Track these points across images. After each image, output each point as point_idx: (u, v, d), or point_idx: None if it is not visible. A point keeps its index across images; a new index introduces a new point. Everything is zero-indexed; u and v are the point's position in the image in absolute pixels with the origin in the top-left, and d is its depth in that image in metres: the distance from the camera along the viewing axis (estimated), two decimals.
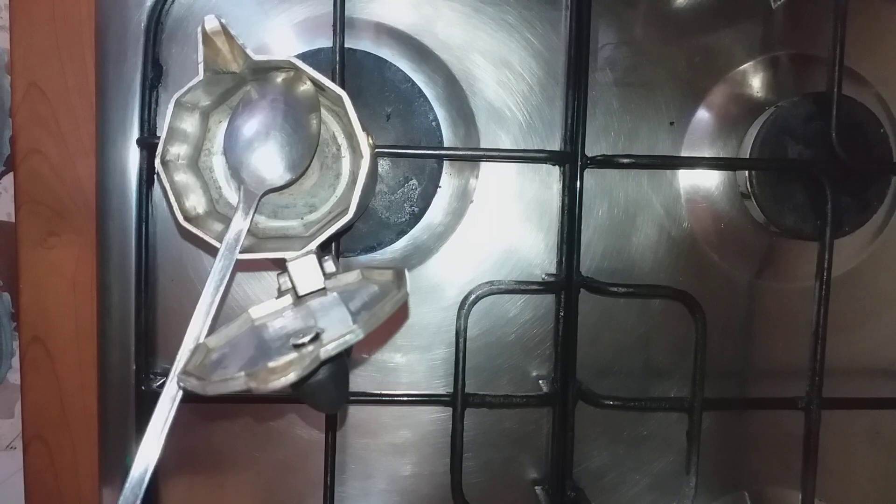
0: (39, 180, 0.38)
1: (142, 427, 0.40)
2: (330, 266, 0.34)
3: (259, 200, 0.34)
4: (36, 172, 0.38)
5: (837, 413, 0.41)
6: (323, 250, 0.34)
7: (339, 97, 0.33)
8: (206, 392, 0.27)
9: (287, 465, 0.41)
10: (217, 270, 0.32)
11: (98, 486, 0.40)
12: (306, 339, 0.27)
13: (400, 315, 0.41)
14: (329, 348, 0.26)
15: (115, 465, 0.40)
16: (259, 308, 0.34)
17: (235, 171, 0.34)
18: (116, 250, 0.40)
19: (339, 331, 0.26)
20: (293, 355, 0.25)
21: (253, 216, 0.33)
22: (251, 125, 0.34)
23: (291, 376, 0.25)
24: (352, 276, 0.35)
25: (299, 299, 0.34)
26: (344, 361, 0.30)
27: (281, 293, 0.34)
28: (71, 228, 0.39)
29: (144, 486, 0.29)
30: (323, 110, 0.36)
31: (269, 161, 0.34)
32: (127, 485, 0.29)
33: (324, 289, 0.34)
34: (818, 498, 0.39)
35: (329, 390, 0.29)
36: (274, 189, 0.34)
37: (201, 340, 0.31)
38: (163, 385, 0.39)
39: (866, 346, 0.43)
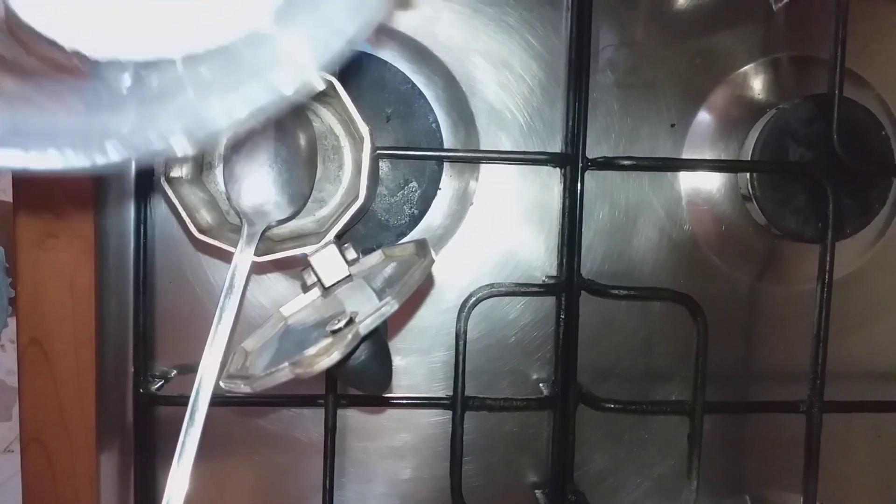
0: (37, 181, 0.38)
1: (140, 429, 0.40)
2: (351, 253, 0.34)
3: (262, 235, 0.33)
4: (33, 173, 0.38)
5: (839, 416, 0.41)
6: (340, 239, 0.34)
7: (331, 83, 0.33)
8: (254, 389, 0.27)
9: (286, 469, 0.41)
10: (223, 308, 0.30)
11: (96, 489, 0.40)
12: (342, 324, 0.27)
13: (404, 313, 0.41)
14: (367, 322, 0.26)
15: (113, 468, 0.40)
16: (289, 305, 0.35)
17: (236, 207, 0.34)
18: (115, 252, 0.39)
19: (372, 308, 0.27)
20: (333, 339, 0.26)
21: (254, 249, 0.32)
22: (248, 160, 0.34)
23: (335, 356, 0.25)
24: (374, 258, 0.35)
25: (327, 290, 0.34)
26: (384, 340, 0.30)
27: (307, 287, 0.35)
28: (69, 230, 0.39)
29: None
30: (316, 104, 0.36)
31: (269, 196, 0.34)
32: None
33: (349, 276, 0.34)
34: (819, 501, 0.39)
35: (373, 370, 0.29)
36: (277, 224, 0.34)
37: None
38: (161, 388, 0.39)
39: (868, 349, 0.43)
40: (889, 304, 0.43)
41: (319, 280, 0.34)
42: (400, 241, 0.39)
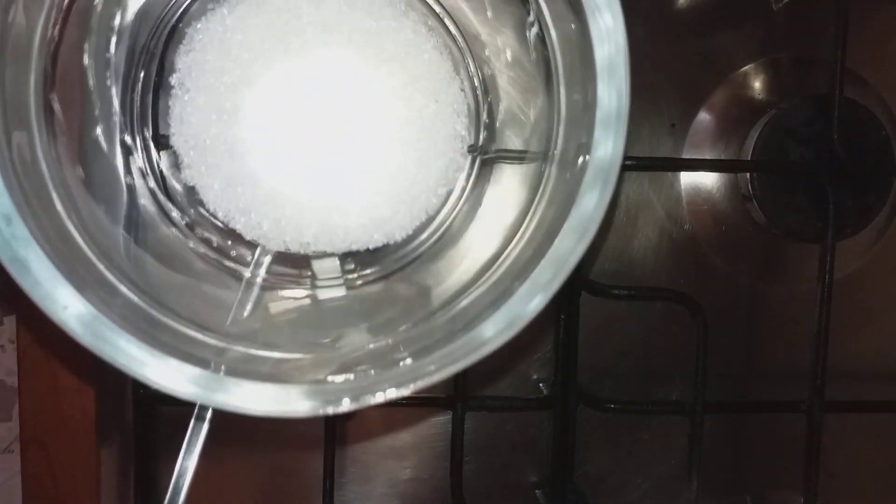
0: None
1: (141, 429, 0.40)
2: (349, 264, 0.34)
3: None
4: None
5: (840, 416, 0.41)
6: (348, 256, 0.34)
7: None
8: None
9: (286, 469, 0.41)
10: None
11: (97, 489, 0.40)
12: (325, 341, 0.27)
13: None
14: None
15: (113, 468, 0.40)
16: (277, 304, 0.35)
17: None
18: None
19: (358, 343, 0.26)
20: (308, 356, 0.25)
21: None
22: None
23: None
24: (375, 286, 0.35)
25: (318, 302, 0.34)
26: None
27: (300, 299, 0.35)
28: None
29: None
30: None
31: None
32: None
33: (345, 295, 0.34)
34: (820, 501, 0.39)
35: None
36: None
37: None
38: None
39: (869, 349, 0.43)
40: (890, 302, 0.43)
41: (315, 292, 0.34)
42: (403, 279, 0.39)
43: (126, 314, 0.22)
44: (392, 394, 0.21)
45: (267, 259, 0.30)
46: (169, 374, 0.21)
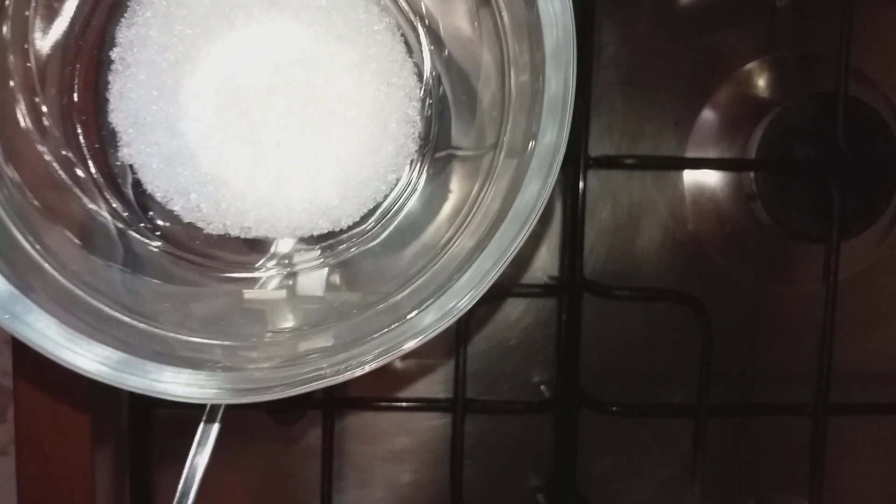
0: None
1: (136, 432, 0.39)
2: (336, 280, 0.34)
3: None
4: None
5: (845, 419, 0.40)
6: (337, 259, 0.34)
7: None
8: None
9: (283, 473, 0.41)
10: None
11: (92, 491, 0.40)
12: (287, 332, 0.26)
13: None
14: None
15: (108, 471, 0.40)
16: (252, 292, 0.34)
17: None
18: None
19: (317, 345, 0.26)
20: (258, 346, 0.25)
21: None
22: None
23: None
24: (353, 297, 0.34)
25: (294, 297, 0.34)
26: None
27: (280, 285, 0.34)
28: None
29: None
30: None
31: None
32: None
33: (321, 297, 0.33)
34: None
35: None
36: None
37: None
38: None
39: (875, 350, 0.42)
40: (895, 304, 0.42)
41: (294, 283, 0.34)
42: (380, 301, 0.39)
43: (54, 296, 0.21)
44: (320, 384, 0.21)
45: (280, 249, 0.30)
46: (81, 354, 0.20)
